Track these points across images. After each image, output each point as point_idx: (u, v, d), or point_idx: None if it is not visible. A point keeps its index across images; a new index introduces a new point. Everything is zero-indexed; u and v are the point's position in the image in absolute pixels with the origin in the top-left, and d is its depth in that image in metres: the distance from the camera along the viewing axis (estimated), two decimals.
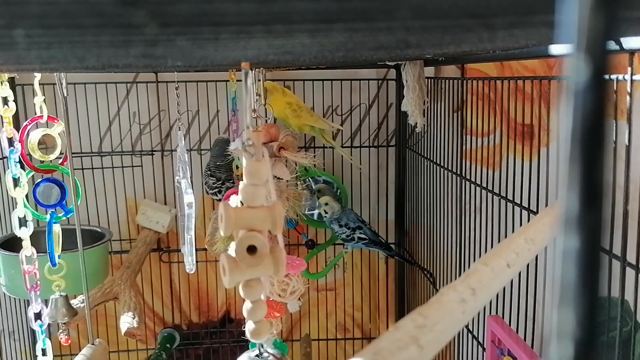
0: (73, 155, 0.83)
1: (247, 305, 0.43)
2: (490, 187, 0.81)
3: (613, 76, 0.49)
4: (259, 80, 0.86)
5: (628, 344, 0.50)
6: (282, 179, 0.87)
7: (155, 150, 1.24)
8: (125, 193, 1.24)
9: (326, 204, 1.10)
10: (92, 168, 1.22)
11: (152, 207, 1.21)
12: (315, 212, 1.19)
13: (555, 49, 0.54)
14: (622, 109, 0.55)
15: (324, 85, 1.25)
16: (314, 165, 1.15)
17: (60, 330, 0.86)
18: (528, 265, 0.66)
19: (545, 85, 0.67)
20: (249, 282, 0.42)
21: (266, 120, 0.92)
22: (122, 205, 1.25)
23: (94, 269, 0.94)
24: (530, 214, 0.66)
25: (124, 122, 1.23)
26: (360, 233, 1.08)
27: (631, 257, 0.48)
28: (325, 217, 1.11)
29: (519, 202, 0.70)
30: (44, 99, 0.78)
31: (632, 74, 0.45)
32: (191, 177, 0.85)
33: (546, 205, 0.63)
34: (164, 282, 1.30)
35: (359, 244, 1.10)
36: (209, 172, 1.08)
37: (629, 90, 0.46)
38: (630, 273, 0.48)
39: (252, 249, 0.41)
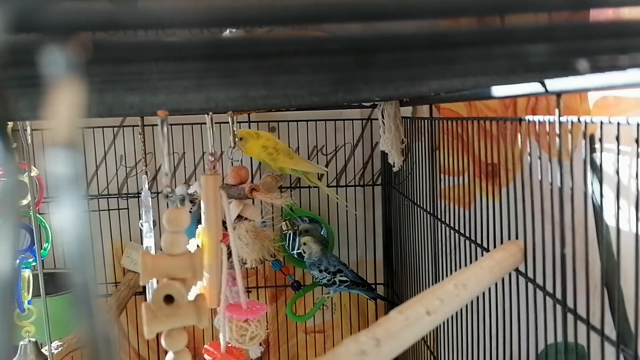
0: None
1: (169, 357, 0.42)
2: (460, 228, 0.80)
3: (543, 118, 0.48)
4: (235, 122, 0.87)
5: None
6: (253, 220, 0.87)
7: (141, 193, 1.25)
8: (112, 236, 1.25)
9: (304, 244, 1.09)
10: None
11: (137, 249, 1.21)
12: (295, 251, 1.18)
13: (496, 90, 0.54)
14: (567, 149, 0.54)
15: (308, 125, 1.26)
16: (291, 207, 1.16)
17: None
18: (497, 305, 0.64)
19: (502, 125, 0.67)
20: (170, 332, 0.42)
21: (240, 162, 0.92)
22: (108, 248, 1.25)
23: (70, 315, 0.94)
24: None
25: (111, 166, 1.24)
26: (341, 276, 1.07)
27: (572, 303, 0.46)
28: (305, 257, 1.10)
29: (485, 245, 0.69)
30: (15, 145, 0.80)
31: (559, 115, 0.45)
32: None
33: None
34: None
35: (340, 288, 1.08)
36: None
37: (557, 131, 0.45)
38: (570, 318, 0.46)
39: (169, 298, 0.41)
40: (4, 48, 0.11)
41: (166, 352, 0.43)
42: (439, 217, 0.89)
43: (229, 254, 0.72)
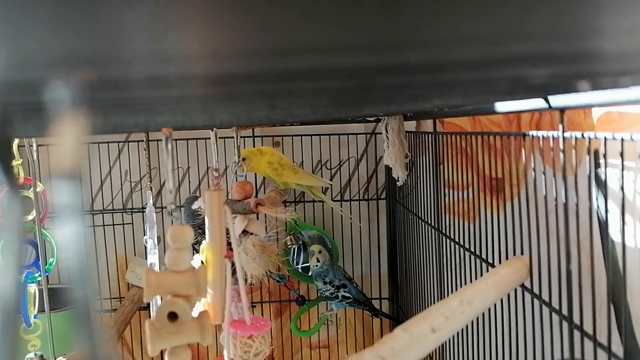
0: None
1: None
2: (465, 243, 0.79)
3: (547, 133, 0.48)
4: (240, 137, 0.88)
5: None
6: (258, 234, 0.87)
7: (145, 208, 1.25)
8: (116, 251, 1.25)
9: (320, 252, 1.09)
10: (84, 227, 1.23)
11: (142, 264, 1.21)
12: (300, 266, 1.18)
13: (499, 106, 0.54)
14: (571, 164, 0.54)
15: (312, 140, 1.27)
16: (296, 221, 1.16)
17: None
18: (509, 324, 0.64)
19: (506, 140, 0.67)
20: (173, 350, 0.42)
21: (245, 177, 0.93)
22: (112, 262, 1.25)
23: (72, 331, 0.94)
24: None
25: (116, 181, 1.25)
26: (345, 291, 1.07)
27: (579, 320, 0.46)
28: (317, 266, 1.09)
29: (490, 260, 0.69)
30: (21, 162, 0.81)
31: (563, 131, 0.45)
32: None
33: None
34: None
35: (342, 304, 1.08)
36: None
37: (561, 147, 0.45)
38: (577, 335, 0.46)
39: (173, 315, 0.40)
40: (11, 81, 0.11)
41: None
42: (444, 231, 0.88)
43: (234, 270, 0.72)
